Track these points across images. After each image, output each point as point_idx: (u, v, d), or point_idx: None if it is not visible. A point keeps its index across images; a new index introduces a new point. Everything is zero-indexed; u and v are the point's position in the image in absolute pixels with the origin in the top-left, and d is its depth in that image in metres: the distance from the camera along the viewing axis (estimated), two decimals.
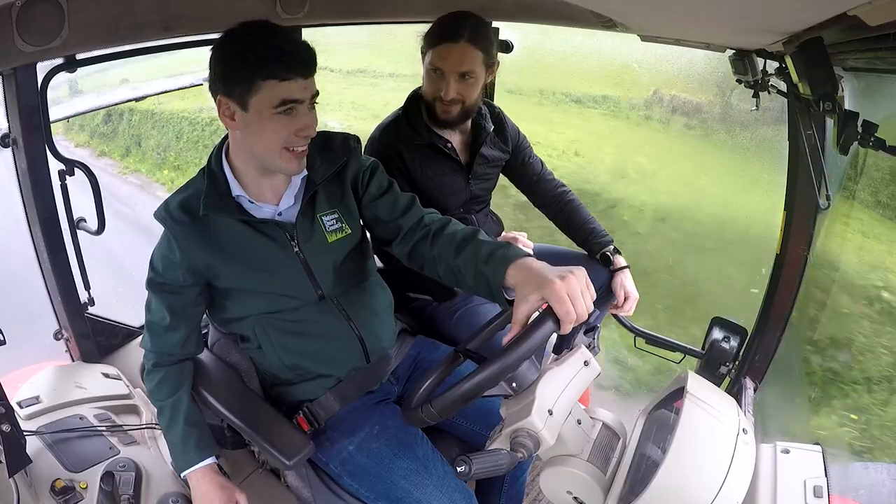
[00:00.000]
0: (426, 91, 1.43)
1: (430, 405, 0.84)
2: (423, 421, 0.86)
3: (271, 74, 0.95)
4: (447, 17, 1.39)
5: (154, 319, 1.12)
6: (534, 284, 0.85)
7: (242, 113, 0.99)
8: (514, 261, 0.91)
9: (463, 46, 1.34)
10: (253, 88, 0.96)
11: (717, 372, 1.73)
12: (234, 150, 1.08)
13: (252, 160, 1.06)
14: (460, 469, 0.79)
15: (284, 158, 1.02)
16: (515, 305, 0.86)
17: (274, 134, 0.99)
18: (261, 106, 0.97)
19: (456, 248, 1.03)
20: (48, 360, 1.50)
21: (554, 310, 0.82)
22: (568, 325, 0.82)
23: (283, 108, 0.97)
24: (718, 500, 0.75)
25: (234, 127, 1.02)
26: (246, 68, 0.95)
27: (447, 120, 1.45)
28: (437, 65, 1.37)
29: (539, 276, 0.85)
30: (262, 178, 1.09)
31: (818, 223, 1.53)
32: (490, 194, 1.69)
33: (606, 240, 1.66)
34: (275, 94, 0.96)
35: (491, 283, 0.94)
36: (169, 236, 1.08)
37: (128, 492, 1.10)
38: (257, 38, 0.97)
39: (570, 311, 0.81)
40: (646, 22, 1.33)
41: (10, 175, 1.29)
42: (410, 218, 1.13)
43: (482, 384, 0.81)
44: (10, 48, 0.95)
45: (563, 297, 0.81)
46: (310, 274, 1.12)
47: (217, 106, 1.00)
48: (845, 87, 1.16)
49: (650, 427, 0.94)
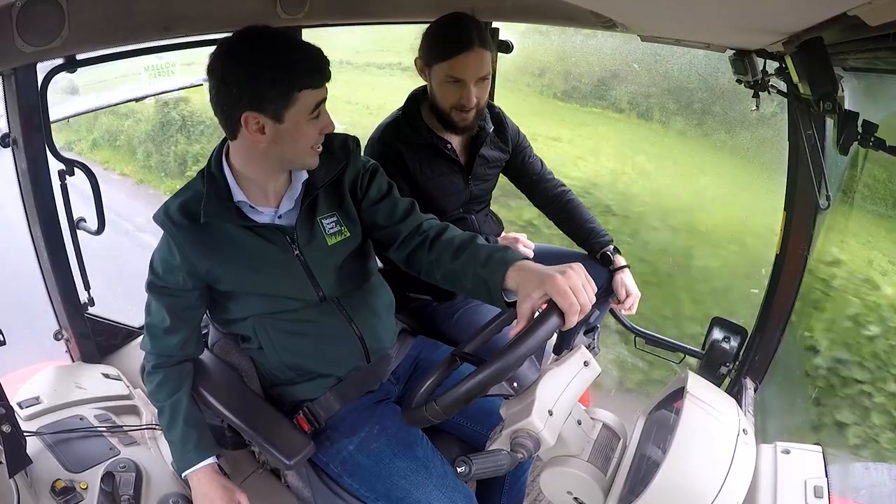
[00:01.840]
0: (442, 101, 1.41)
1: (435, 403, 0.83)
2: (426, 420, 0.86)
3: (308, 84, 0.97)
4: (446, 26, 1.36)
5: (154, 322, 1.13)
6: (535, 282, 0.86)
7: (276, 125, 0.98)
8: (513, 263, 0.92)
9: (478, 52, 1.33)
10: (290, 101, 0.96)
11: (717, 372, 1.73)
12: (246, 156, 1.06)
13: (268, 163, 1.05)
14: (460, 469, 0.79)
15: (310, 156, 1.06)
16: (519, 303, 0.87)
17: (307, 138, 1.02)
18: (298, 116, 0.99)
19: (454, 253, 1.03)
20: (48, 360, 1.50)
21: (557, 303, 0.83)
22: (572, 317, 0.83)
23: (316, 112, 1.00)
24: (719, 501, 0.75)
25: (262, 140, 1.00)
26: (281, 84, 0.95)
27: (466, 126, 1.44)
28: (458, 75, 1.35)
29: (540, 273, 0.87)
30: (266, 183, 1.09)
31: (818, 223, 1.53)
32: (490, 195, 1.69)
33: (606, 239, 1.66)
34: (310, 102, 0.99)
35: (490, 285, 0.94)
36: (169, 239, 1.08)
37: (128, 492, 1.10)
38: (281, 51, 0.96)
39: (574, 302, 0.82)
40: (646, 22, 1.33)
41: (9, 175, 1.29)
42: (409, 224, 1.14)
43: (486, 381, 0.80)
44: (10, 48, 0.95)
45: (565, 291, 0.82)
46: (311, 276, 1.12)
47: (243, 123, 0.98)
48: (845, 87, 1.16)
49: (650, 427, 0.94)
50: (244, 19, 1.20)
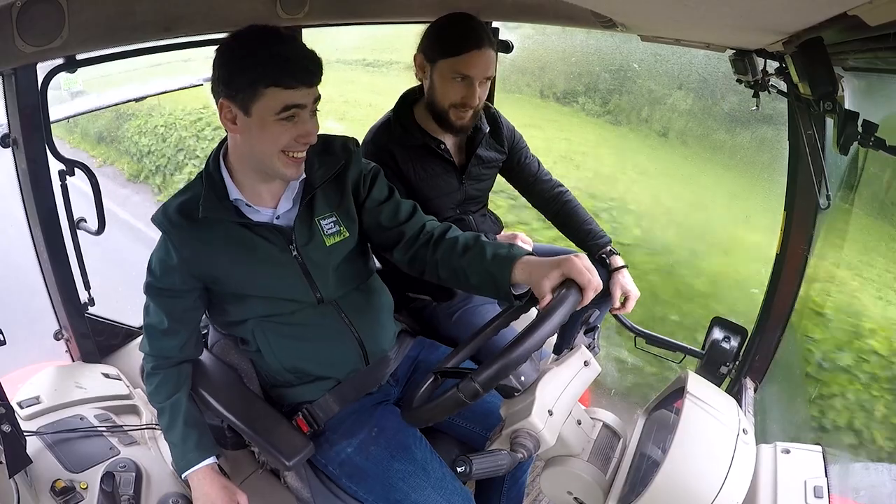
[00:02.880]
0: (442, 98, 1.40)
1: (472, 380, 0.81)
2: (459, 402, 0.83)
3: (275, 82, 0.95)
4: (456, 23, 1.35)
5: (152, 323, 1.13)
6: (550, 265, 0.92)
7: (245, 117, 0.98)
8: (520, 258, 0.98)
9: (486, 51, 1.33)
10: (257, 95, 0.96)
11: (717, 372, 1.73)
12: (233, 154, 1.07)
13: (250, 163, 1.06)
14: (460, 469, 0.79)
15: (282, 162, 1.02)
16: (537, 283, 0.92)
17: (274, 138, 0.99)
18: (264, 112, 0.97)
19: (460, 251, 1.06)
20: (48, 360, 1.50)
21: (576, 280, 0.89)
22: (590, 293, 0.90)
23: (285, 113, 0.97)
24: (719, 500, 0.75)
25: (234, 130, 1.01)
26: (250, 74, 0.95)
27: (463, 126, 1.43)
28: (467, 72, 1.34)
29: (552, 259, 0.93)
30: (260, 182, 1.09)
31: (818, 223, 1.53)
32: (487, 195, 1.69)
33: (604, 240, 1.66)
34: (278, 101, 0.96)
35: (498, 280, 0.99)
36: (167, 240, 1.08)
37: (128, 492, 1.10)
38: (264, 44, 0.96)
39: (591, 279, 0.90)
40: (646, 22, 1.33)
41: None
42: (413, 225, 1.14)
43: (522, 354, 0.81)
44: (10, 48, 0.95)
45: (581, 269, 0.90)
46: (308, 277, 1.12)
47: (218, 109, 1.00)
48: (845, 87, 1.16)
49: (650, 427, 0.94)
50: (244, 19, 1.20)
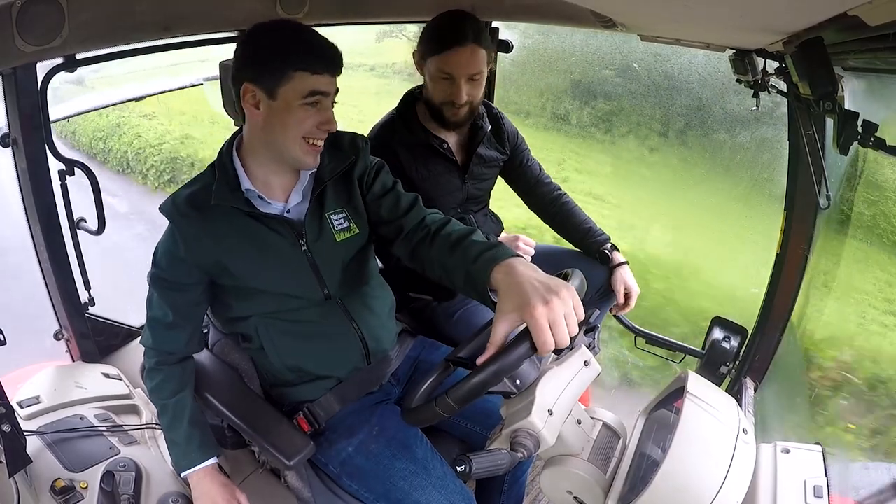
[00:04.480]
0: (433, 96, 1.41)
1: (447, 396, 0.82)
2: (436, 415, 0.84)
3: (304, 66, 0.98)
4: (444, 20, 1.36)
5: (156, 317, 1.12)
6: (515, 302, 0.80)
7: (269, 101, 1.00)
8: (500, 262, 0.88)
9: (471, 48, 1.33)
10: (285, 77, 0.98)
11: (717, 372, 1.73)
12: (249, 143, 1.08)
13: (268, 151, 1.06)
14: (460, 469, 0.79)
15: (302, 149, 1.04)
16: (494, 322, 0.82)
17: (298, 122, 1.01)
18: (290, 95, 0.99)
19: (450, 249, 1.01)
20: (48, 360, 1.50)
21: (532, 336, 0.77)
22: (545, 353, 0.78)
23: (311, 98, 1.00)
24: (718, 500, 0.75)
25: (257, 116, 1.03)
26: (280, 57, 0.98)
27: (458, 122, 1.44)
28: (448, 70, 1.35)
29: (522, 291, 0.79)
30: (273, 174, 1.09)
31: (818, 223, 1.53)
32: (489, 194, 1.69)
33: (603, 238, 1.66)
34: (305, 85, 0.99)
35: (478, 283, 0.91)
36: (174, 231, 1.07)
37: (128, 491, 1.10)
38: (292, 32, 1.01)
39: (548, 340, 0.76)
40: (646, 22, 1.33)
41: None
42: (413, 218, 1.13)
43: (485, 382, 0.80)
44: (10, 48, 0.95)
45: (542, 326, 0.76)
46: (317, 272, 1.12)
47: (241, 94, 1.02)
48: (845, 87, 1.16)
49: (650, 427, 0.94)
50: (244, 19, 1.20)
